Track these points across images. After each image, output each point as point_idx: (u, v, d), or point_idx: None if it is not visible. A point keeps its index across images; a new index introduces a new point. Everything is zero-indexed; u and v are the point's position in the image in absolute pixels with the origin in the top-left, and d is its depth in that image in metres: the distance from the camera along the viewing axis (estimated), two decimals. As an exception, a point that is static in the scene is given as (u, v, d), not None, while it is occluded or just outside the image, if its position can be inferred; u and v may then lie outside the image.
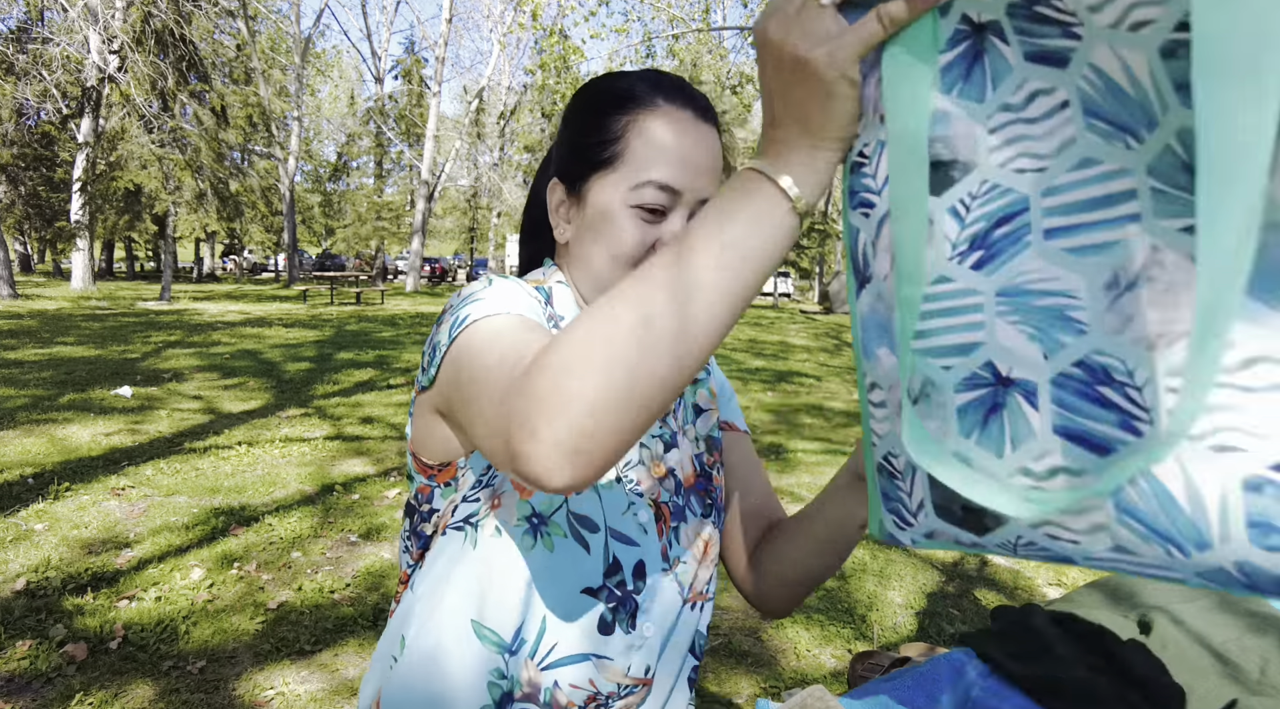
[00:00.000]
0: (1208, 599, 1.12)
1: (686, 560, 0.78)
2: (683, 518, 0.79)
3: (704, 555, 0.81)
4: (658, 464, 0.79)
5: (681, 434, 0.83)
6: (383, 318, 14.15)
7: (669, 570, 0.77)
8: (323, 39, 71.68)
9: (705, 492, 0.83)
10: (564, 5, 14.38)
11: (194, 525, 3.17)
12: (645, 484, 0.77)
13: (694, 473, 0.83)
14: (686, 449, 0.83)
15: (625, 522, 0.74)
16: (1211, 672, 0.95)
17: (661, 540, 0.76)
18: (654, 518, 0.77)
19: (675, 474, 0.80)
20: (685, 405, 0.86)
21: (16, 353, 7.70)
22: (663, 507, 0.77)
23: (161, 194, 15.94)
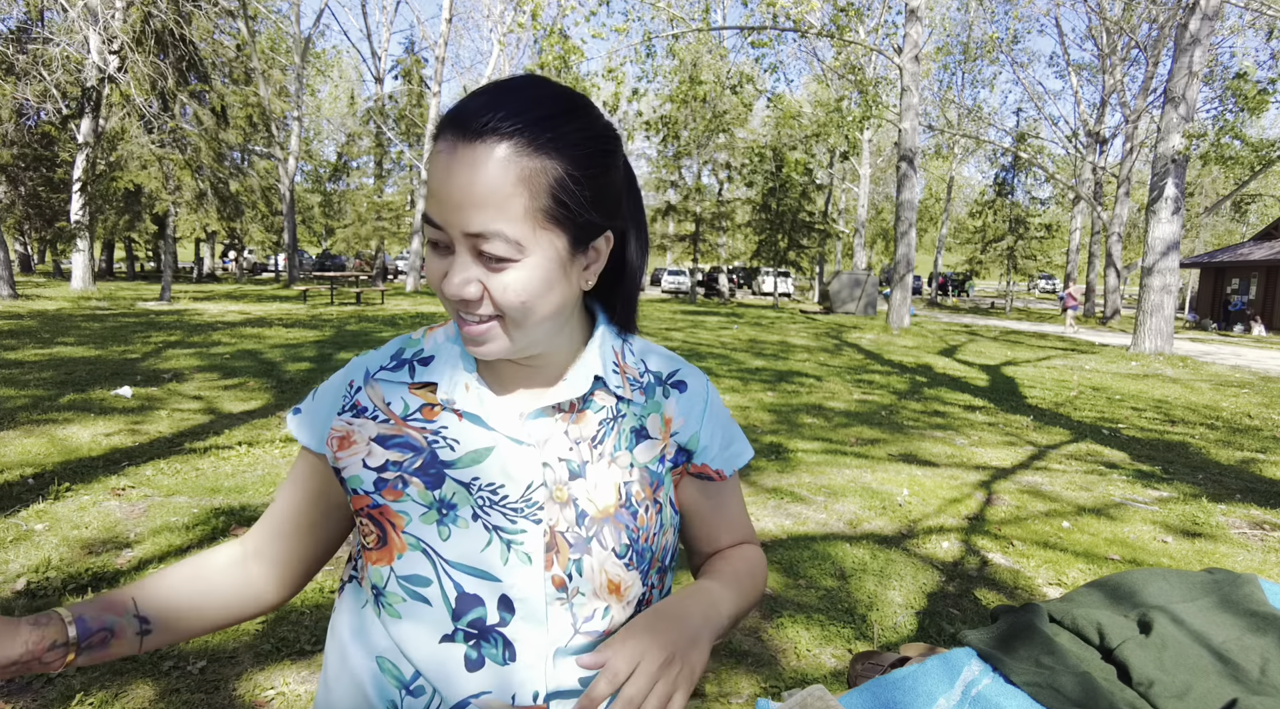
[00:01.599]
0: (1208, 599, 1.12)
1: (586, 593, 0.75)
2: (586, 550, 0.75)
3: (612, 595, 0.76)
4: (560, 489, 0.76)
5: (605, 462, 0.79)
6: (383, 318, 14.16)
7: (564, 600, 0.74)
8: (323, 39, 71.71)
9: (624, 526, 0.78)
10: (564, 5, 14.37)
11: (194, 525, 3.17)
12: (546, 511, 0.75)
13: (616, 503, 0.78)
14: (608, 478, 0.78)
15: (484, 557, 0.73)
16: (1212, 671, 0.95)
17: (554, 570, 0.74)
18: (546, 546, 0.74)
19: (578, 502, 0.76)
20: (622, 430, 0.81)
21: (17, 353, 7.70)
22: (559, 537, 0.75)
23: (161, 194, 15.93)
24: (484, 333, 0.71)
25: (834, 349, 12.23)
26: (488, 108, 0.66)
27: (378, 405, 0.80)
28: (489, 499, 0.75)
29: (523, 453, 0.76)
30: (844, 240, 35.53)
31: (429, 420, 0.78)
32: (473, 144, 0.65)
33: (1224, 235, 45.68)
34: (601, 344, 0.82)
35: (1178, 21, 13.08)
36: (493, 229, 0.66)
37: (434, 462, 0.76)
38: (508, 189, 0.65)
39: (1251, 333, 23.63)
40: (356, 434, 0.79)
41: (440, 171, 0.66)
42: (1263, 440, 6.10)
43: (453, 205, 0.66)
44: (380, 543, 0.76)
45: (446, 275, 0.69)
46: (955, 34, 30.18)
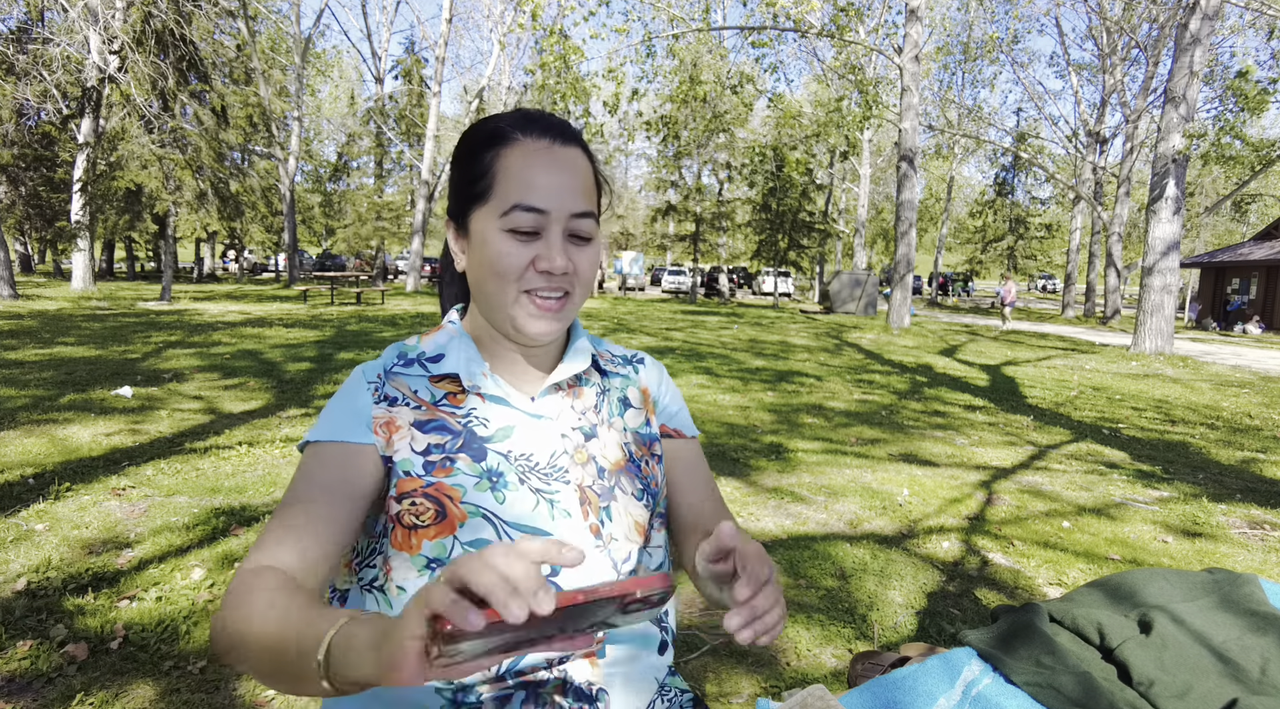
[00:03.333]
0: (1208, 599, 1.12)
1: (619, 537, 0.86)
2: (612, 497, 0.87)
3: (639, 535, 0.88)
4: (580, 451, 0.88)
5: (606, 426, 0.93)
6: (383, 318, 14.15)
7: (602, 546, 0.84)
8: (323, 39, 71.70)
9: (636, 475, 0.91)
10: (564, 5, 14.37)
11: (195, 525, 3.17)
12: (572, 472, 0.86)
13: (623, 459, 0.92)
14: (613, 438, 0.92)
15: (535, 516, 0.82)
16: (1212, 671, 0.95)
17: (590, 520, 0.84)
18: (579, 501, 0.85)
19: (597, 460, 0.89)
20: (611, 401, 0.95)
21: (17, 353, 7.70)
22: (587, 491, 0.86)
23: (162, 194, 15.92)
24: (559, 307, 0.82)
25: (834, 349, 12.23)
26: (565, 124, 0.85)
27: (407, 394, 0.86)
28: (526, 467, 0.84)
29: (543, 426, 0.87)
30: (844, 240, 35.52)
31: (456, 406, 0.86)
32: (568, 146, 0.83)
33: (1224, 235, 45.65)
34: (580, 333, 0.96)
35: (1178, 21, 13.07)
36: (589, 210, 0.83)
37: (474, 438, 0.84)
38: (591, 183, 0.85)
39: (1248, 333, 23.61)
40: (399, 420, 0.84)
41: (543, 164, 0.80)
42: (1263, 440, 6.10)
43: (559, 190, 0.80)
44: (439, 517, 0.80)
45: (539, 255, 0.80)
46: (955, 34, 30.17)
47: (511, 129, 0.82)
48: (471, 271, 0.85)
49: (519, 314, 0.81)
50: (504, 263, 0.79)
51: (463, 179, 0.84)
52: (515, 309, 0.81)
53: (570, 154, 0.82)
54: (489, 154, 0.82)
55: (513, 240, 0.79)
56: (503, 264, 0.80)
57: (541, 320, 0.82)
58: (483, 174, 0.81)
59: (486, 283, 0.82)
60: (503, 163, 0.80)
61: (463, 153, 0.86)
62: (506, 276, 0.80)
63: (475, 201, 0.83)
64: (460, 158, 0.86)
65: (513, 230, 0.79)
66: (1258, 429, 6.59)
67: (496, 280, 0.81)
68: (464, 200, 0.84)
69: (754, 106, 26.86)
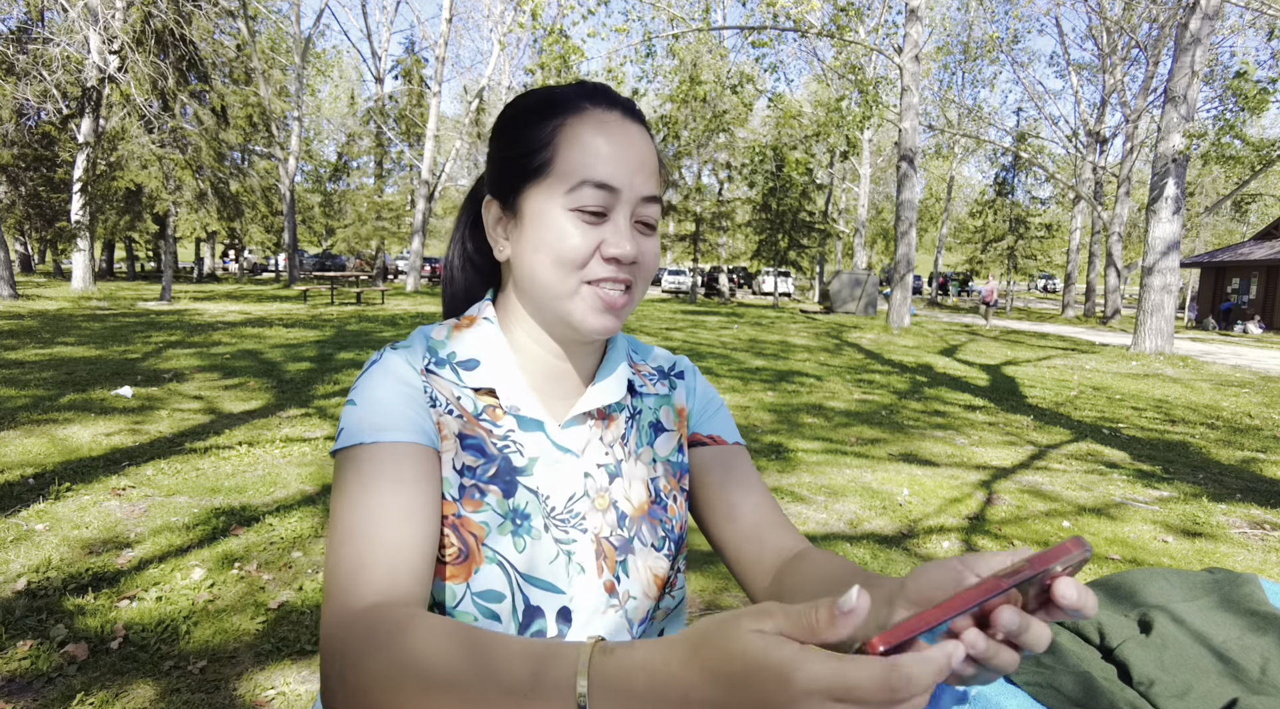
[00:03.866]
0: (1208, 598, 1.12)
1: (637, 595, 0.76)
2: (629, 551, 0.76)
3: (657, 589, 0.77)
4: (602, 496, 0.76)
5: (633, 460, 0.80)
6: (384, 318, 14.16)
7: (617, 606, 0.74)
8: (323, 39, 71.75)
9: (659, 521, 0.79)
10: (564, 5, 14.37)
11: (195, 525, 3.17)
12: (590, 519, 0.75)
13: (648, 500, 0.79)
14: (639, 474, 0.80)
15: (552, 569, 0.72)
16: (1212, 671, 0.95)
17: (604, 576, 0.74)
18: (596, 554, 0.74)
19: (618, 505, 0.77)
20: (640, 426, 0.83)
21: (17, 353, 7.70)
22: (604, 542, 0.75)
23: (162, 194, 15.93)
24: (623, 302, 0.72)
25: (834, 349, 12.23)
26: (630, 100, 0.75)
27: (449, 400, 0.74)
28: (546, 509, 0.73)
29: (565, 462, 0.76)
30: (844, 240, 35.52)
31: (495, 423, 0.75)
32: (638, 124, 0.74)
33: (1224, 235, 45.66)
34: (619, 345, 0.84)
35: (1178, 21, 13.07)
36: (657, 194, 0.73)
37: (508, 468, 0.73)
38: (656, 166, 0.75)
39: (1248, 332, 23.61)
40: (446, 428, 0.73)
41: (616, 138, 0.71)
42: (1263, 440, 6.10)
43: (632, 168, 0.71)
44: (461, 557, 0.70)
45: (606, 240, 0.70)
46: (955, 34, 30.17)
47: (575, 98, 0.72)
48: (521, 258, 0.73)
49: (578, 308, 0.71)
50: (568, 246, 0.69)
51: (515, 152, 0.73)
52: (574, 301, 0.71)
53: (638, 131, 0.73)
54: (551, 123, 0.71)
55: (578, 221, 0.69)
56: (566, 247, 0.69)
57: (604, 315, 0.71)
58: (542, 145, 0.71)
59: (542, 271, 0.70)
60: (569, 133, 0.70)
61: (513, 123, 0.74)
62: (570, 263, 0.69)
63: (531, 177, 0.71)
64: (510, 128, 0.74)
65: (579, 209, 0.69)
66: (1258, 429, 6.59)
67: (556, 268, 0.69)
68: (515, 175, 0.73)
69: (754, 106, 26.85)
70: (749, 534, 0.79)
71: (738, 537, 0.80)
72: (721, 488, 0.82)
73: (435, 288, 28.13)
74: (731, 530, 0.80)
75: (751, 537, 0.79)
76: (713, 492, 0.83)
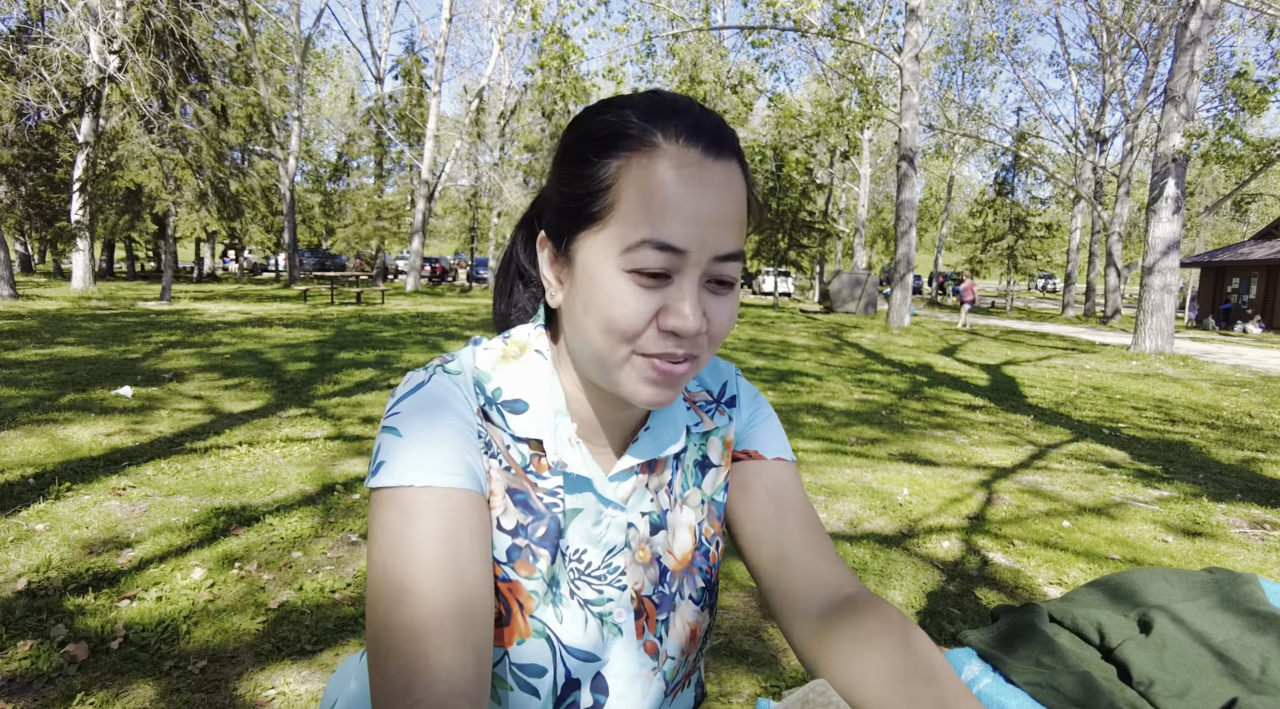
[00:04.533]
0: (1208, 598, 1.12)
1: (674, 654, 0.70)
2: (671, 608, 0.70)
3: (691, 643, 0.72)
4: (643, 549, 0.70)
5: (679, 507, 0.73)
6: (383, 318, 14.16)
7: (656, 668, 0.69)
8: (323, 39, 71.75)
9: (701, 571, 0.73)
10: (564, 4, 14.37)
11: (195, 525, 3.17)
12: (630, 575, 0.68)
13: (692, 549, 0.73)
14: (684, 521, 0.73)
15: (586, 637, 0.66)
16: (1212, 670, 0.95)
17: (645, 638, 0.68)
18: (634, 615, 0.68)
19: (661, 561, 0.71)
20: (685, 468, 0.74)
21: (17, 353, 7.70)
22: (646, 601, 0.69)
23: (162, 194, 15.93)
24: (682, 373, 0.62)
25: (834, 349, 12.23)
26: (719, 122, 0.61)
27: (499, 447, 0.65)
28: (578, 570, 0.67)
29: (612, 515, 0.68)
30: (844, 240, 35.52)
31: (540, 475, 0.66)
32: (724, 161, 0.60)
33: (1224, 234, 45.66)
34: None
35: (1178, 21, 13.07)
36: (738, 249, 0.61)
37: (556, 530, 0.66)
38: (744, 211, 0.62)
39: (1248, 332, 23.61)
40: (495, 481, 0.65)
41: (689, 186, 0.58)
42: (1263, 440, 6.10)
43: (705, 223, 0.58)
44: (501, 623, 0.64)
45: (666, 308, 0.59)
46: (955, 33, 30.17)
47: (648, 128, 0.59)
48: (571, 313, 0.63)
49: (627, 379, 0.61)
50: (620, 315, 0.58)
51: (571, 189, 0.62)
52: (623, 372, 0.61)
53: (725, 171, 0.59)
54: (614, 161, 0.59)
55: (634, 285, 0.58)
56: (618, 316, 0.58)
57: (657, 389, 0.61)
58: (601, 189, 0.59)
59: (592, 334, 0.61)
60: (632, 177, 0.58)
61: (574, 151, 0.62)
62: (621, 334, 0.59)
63: (585, 224, 0.60)
64: (570, 157, 0.63)
65: (637, 271, 0.58)
66: (1258, 428, 6.59)
67: (604, 335, 0.60)
68: (569, 219, 0.62)
69: (754, 106, 26.85)
70: (783, 567, 0.71)
71: (771, 565, 0.72)
72: (757, 510, 0.74)
73: (435, 287, 28.13)
74: (766, 559, 0.72)
75: (786, 569, 0.71)
76: (746, 513, 0.75)
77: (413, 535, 0.57)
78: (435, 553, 0.57)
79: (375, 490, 0.60)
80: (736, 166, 0.61)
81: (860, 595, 0.68)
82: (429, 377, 0.65)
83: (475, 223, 35.65)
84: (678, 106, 0.61)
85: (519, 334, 0.71)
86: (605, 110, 0.62)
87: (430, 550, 0.57)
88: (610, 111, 0.62)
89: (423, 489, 0.58)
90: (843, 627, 0.64)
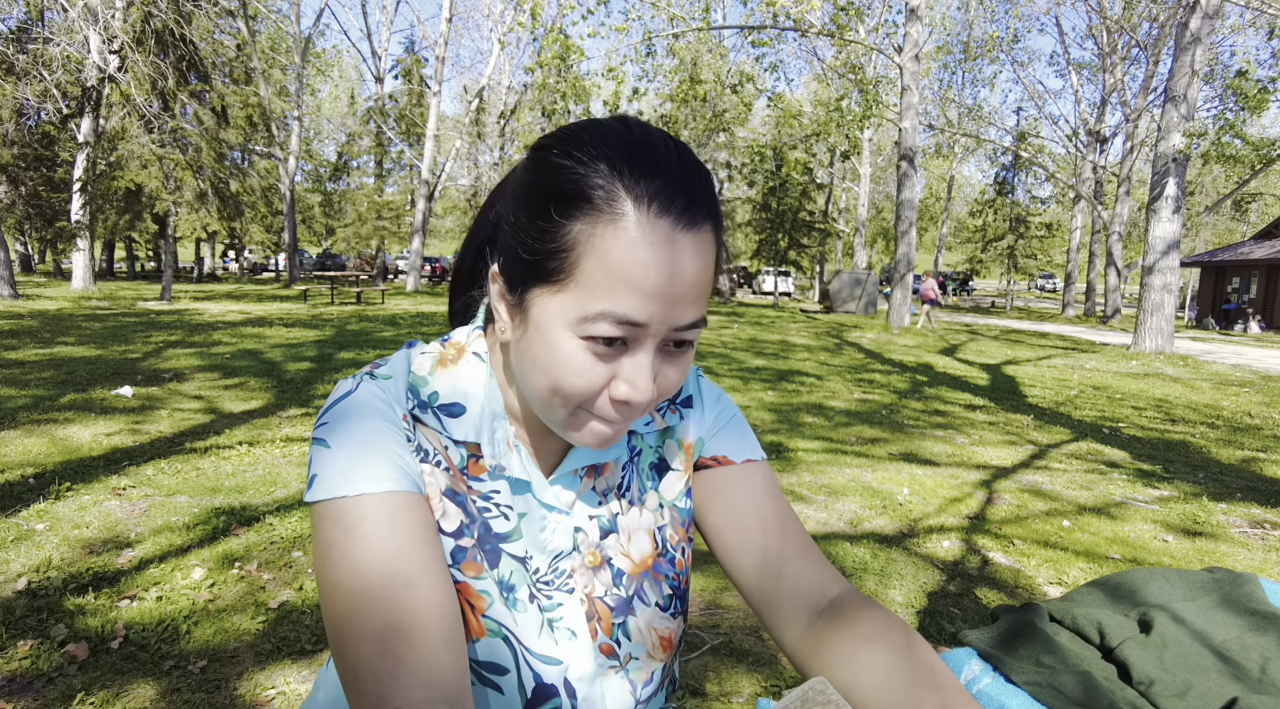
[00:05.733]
0: (1208, 597, 1.12)
1: (639, 657, 0.69)
2: (629, 611, 0.69)
3: (664, 652, 0.71)
4: (593, 553, 0.69)
5: (636, 509, 0.72)
6: (384, 317, 14.16)
7: (618, 667, 0.68)
8: (323, 39, 71.75)
9: (664, 576, 0.72)
10: (563, 4, 14.36)
11: (195, 525, 3.17)
12: (578, 578, 0.68)
13: (653, 553, 0.71)
14: (641, 525, 0.71)
15: (543, 641, 0.65)
16: (1212, 670, 0.95)
17: (600, 640, 0.67)
18: (587, 616, 0.67)
19: (613, 564, 0.69)
20: (640, 469, 0.73)
21: (17, 353, 7.70)
22: (597, 603, 0.68)
23: (162, 194, 15.93)
24: (623, 431, 0.61)
25: (834, 348, 12.23)
26: (697, 181, 0.57)
27: (436, 449, 0.65)
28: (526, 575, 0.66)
29: (557, 521, 0.68)
30: (844, 239, 35.52)
31: (476, 478, 0.65)
32: (693, 231, 0.56)
33: (1224, 234, 45.66)
34: None
35: (1178, 20, 13.06)
36: (701, 316, 0.59)
37: (489, 534, 0.65)
38: (711, 275, 0.59)
39: (1248, 332, 23.61)
40: (431, 485, 0.64)
41: (656, 261, 0.54)
42: (1263, 439, 6.10)
43: (672, 300, 0.55)
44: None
45: (619, 376, 0.58)
46: (955, 33, 30.16)
47: (616, 193, 0.54)
48: (519, 358, 0.61)
49: (571, 430, 0.61)
50: (571, 384, 0.57)
51: (530, 242, 0.57)
52: (568, 423, 0.60)
53: (696, 241, 0.56)
54: (576, 222, 0.54)
55: (588, 353, 0.56)
56: (569, 384, 0.57)
57: (601, 440, 0.61)
58: (561, 250, 0.55)
59: (536, 384, 0.59)
60: (594, 245, 0.54)
61: (534, 200, 0.57)
62: (570, 398, 0.58)
63: (542, 280, 0.57)
64: (530, 205, 0.58)
65: (591, 338, 0.56)
66: (1258, 428, 6.59)
67: (550, 393, 0.58)
68: (525, 270, 0.58)
69: (754, 106, 26.83)
70: (762, 572, 0.69)
71: (750, 573, 0.70)
72: (728, 517, 0.72)
73: (435, 287, 28.12)
74: (744, 566, 0.71)
75: (765, 575, 0.69)
76: (718, 521, 0.73)
77: (358, 545, 0.56)
78: (384, 558, 0.55)
79: (313, 505, 0.59)
80: (709, 231, 0.57)
81: (849, 596, 0.67)
82: (355, 385, 0.64)
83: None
84: (654, 161, 0.55)
85: (458, 336, 0.70)
86: (572, 153, 0.56)
87: (378, 557, 0.56)
88: (578, 160, 0.55)
89: (358, 498, 0.57)
90: (836, 629, 0.63)
